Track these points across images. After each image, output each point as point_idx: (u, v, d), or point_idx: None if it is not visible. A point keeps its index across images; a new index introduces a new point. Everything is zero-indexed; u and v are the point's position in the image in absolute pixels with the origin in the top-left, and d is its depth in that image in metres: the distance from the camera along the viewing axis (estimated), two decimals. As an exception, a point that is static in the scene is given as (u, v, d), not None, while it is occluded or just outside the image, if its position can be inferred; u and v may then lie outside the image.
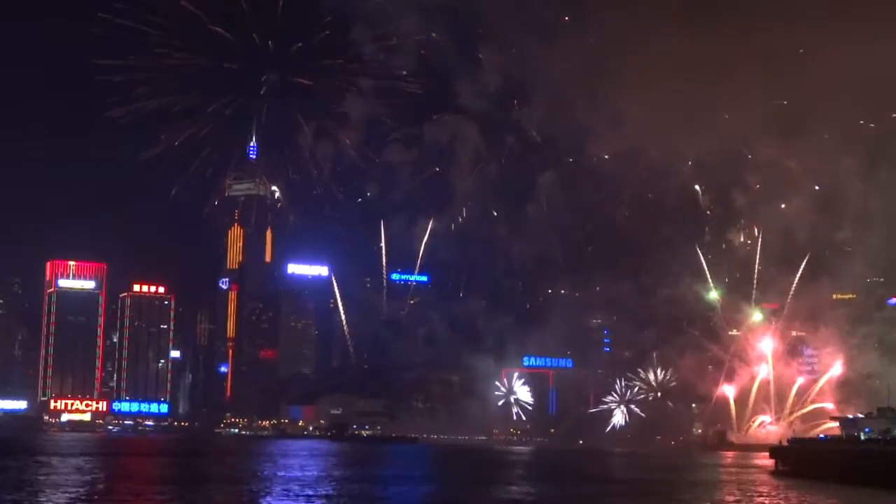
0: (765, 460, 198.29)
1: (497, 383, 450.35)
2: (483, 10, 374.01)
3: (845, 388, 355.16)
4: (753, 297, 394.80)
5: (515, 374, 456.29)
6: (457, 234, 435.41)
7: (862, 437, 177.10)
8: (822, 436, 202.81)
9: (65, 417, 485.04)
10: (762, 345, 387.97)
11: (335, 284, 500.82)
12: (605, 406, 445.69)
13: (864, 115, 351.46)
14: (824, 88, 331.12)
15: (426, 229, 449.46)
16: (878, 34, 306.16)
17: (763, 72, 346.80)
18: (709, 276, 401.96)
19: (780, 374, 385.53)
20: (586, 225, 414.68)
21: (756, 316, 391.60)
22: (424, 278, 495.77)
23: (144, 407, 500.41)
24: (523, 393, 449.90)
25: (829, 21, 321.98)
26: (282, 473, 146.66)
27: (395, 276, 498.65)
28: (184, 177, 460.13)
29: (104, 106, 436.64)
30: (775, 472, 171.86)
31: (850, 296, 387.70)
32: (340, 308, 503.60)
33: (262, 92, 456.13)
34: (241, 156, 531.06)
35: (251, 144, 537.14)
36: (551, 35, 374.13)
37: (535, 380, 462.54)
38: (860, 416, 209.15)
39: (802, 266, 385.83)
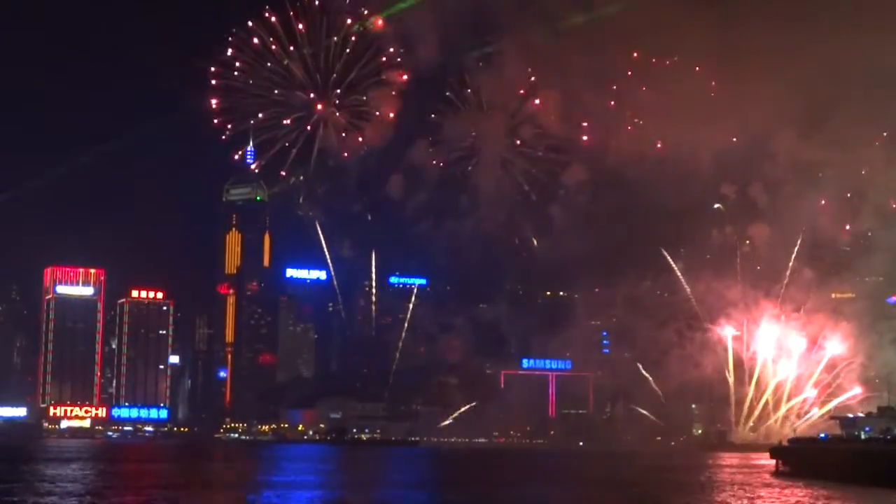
0: (766, 460, 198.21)
1: (496, 385, 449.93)
2: (499, 4, 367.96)
3: (866, 387, 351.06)
4: (767, 293, 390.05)
5: (515, 376, 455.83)
6: (458, 236, 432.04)
7: (862, 437, 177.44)
8: (822, 435, 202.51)
9: (64, 424, 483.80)
10: (772, 343, 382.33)
11: (334, 288, 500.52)
12: (604, 407, 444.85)
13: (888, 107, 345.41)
14: (848, 79, 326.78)
15: (425, 230, 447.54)
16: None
17: (785, 63, 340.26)
18: (721, 273, 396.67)
19: (785, 373, 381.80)
20: (598, 225, 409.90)
21: (768, 311, 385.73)
22: (423, 281, 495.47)
23: (144, 413, 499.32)
24: (523, 395, 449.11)
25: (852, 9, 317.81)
26: (284, 478, 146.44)
27: (393, 280, 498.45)
28: (182, 181, 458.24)
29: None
30: (776, 472, 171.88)
31: (850, 295, 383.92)
32: (340, 311, 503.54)
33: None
34: (239, 160, 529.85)
35: (249, 149, 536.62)
36: (567, 31, 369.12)
37: (534, 382, 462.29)
38: (860, 415, 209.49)
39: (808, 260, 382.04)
